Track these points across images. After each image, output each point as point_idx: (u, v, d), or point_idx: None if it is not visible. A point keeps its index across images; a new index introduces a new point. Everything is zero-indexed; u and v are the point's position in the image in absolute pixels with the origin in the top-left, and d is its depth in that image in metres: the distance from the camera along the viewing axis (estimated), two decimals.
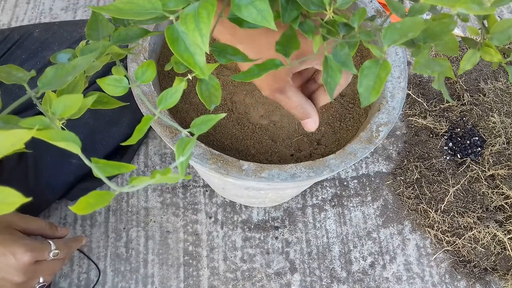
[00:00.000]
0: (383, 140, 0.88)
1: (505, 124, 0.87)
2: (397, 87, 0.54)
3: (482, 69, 0.94)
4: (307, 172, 0.49)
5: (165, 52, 0.60)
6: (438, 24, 0.28)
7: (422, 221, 0.81)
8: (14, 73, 0.31)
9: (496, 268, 0.77)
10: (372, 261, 0.78)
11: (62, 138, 0.23)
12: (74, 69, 0.28)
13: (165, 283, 0.74)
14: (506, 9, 1.07)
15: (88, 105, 0.30)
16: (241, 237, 0.78)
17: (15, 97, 0.71)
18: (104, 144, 0.76)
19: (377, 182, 0.85)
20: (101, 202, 0.23)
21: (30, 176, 0.70)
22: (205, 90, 0.36)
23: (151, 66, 0.33)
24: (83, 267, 0.75)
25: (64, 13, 1.00)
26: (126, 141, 0.31)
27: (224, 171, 0.48)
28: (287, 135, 0.57)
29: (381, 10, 0.58)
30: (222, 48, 0.35)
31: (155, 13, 0.27)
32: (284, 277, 0.76)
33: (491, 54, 0.30)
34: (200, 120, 0.31)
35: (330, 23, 0.32)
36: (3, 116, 0.26)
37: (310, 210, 0.81)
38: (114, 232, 0.78)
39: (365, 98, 0.28)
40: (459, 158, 0.85)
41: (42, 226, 0.64)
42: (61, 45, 0.74)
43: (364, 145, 0.50)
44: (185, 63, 0.27)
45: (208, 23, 0.25)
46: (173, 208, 0.80)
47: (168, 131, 0.49)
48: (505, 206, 0.81)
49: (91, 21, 0.34)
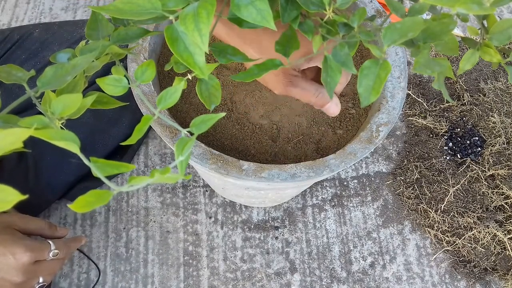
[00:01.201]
0: (383, 140, 0.88)
1: (505, 124, 0.87)
2: (397, 87, 0.54)
3: (482, 69, 0.94)
4: (307, 172, 0.49)
5: (165, 52, 0.60)
6: (438, 24, 0.28)
7: (422, 221, 0.81)
8: (14, 73, 0.31)
9: (496, 268, 0.77)
10: (372, 261, 0.78)
11: (61, 137, 0.23)
12: (73, 69, 0.28)
13: (165, 283, 0.74)
14: (506, 9, 1.07)
15: (88, 105, 0.30)
16: (241, 237, 0.78)
17: (15, 97, 0.71)
18: (104, 144, 0.76)
19: (377, 182, 0.85)
20: (100, 201, 0.23)
21: (30, 176, 0.70)
22: (205, 90, 0.36)
23: (151, 66, 0.33)
24: (83, 267, 0.75)
25: (64, 13, 1.00)
26: (126, 141, 0.31)
27: (224, 171, 0.48)
28: (287, 135, 0.57)
29: (381, 10, 0.58)
30: (222, 48, 0.35)
31: (155, 13, 0.27)
32: (284, 277, 0.76)
33: (491, 54, 0.30)
34: (199, 119, 0.31)
35: (330, 23, 0.32)
36: (3, 115, 0.26)
37: (310, 210, 0.81)
38: (114, 232, 0.78)
39: (365, 98, 0.28)
40: (459, 158, 0.85)
41: (42, 226, 0.64)
42: (61, 45, 0.74)
43: (364, 145, 0.50)
44: (184, 63, 0.27)
45: (207, 23, 0.25)
46: (173, 208, 0.80)
47: (168, 131, 0.49)
48: (505, 206, 0.81)
49: (91, 21, 0.34)
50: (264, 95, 0.58)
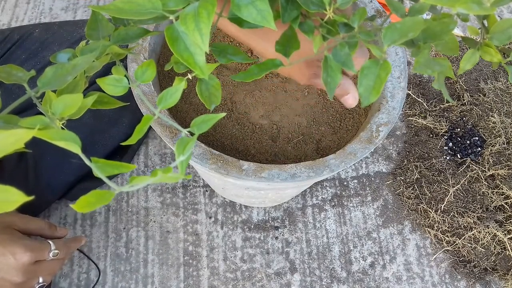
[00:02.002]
0: (383, 140, 0.88)
1: (505, 124, 0.87)
2: (397, 87, 0.54)
3: (482, 69, 0.94)
4: (307, 172, 0.49)
5: (165, 52, 0.60)
6: (438, 24, 0.28)
7: (422, 221, 0.81)
8: (14, 73, 0.31)
9: (496, 268, 0.77)
10: (372, 261, 0.78)
11: (62, 137, 0.23)
12: (74, 69, 0.28)
13: (165, 283, 0.74)
14: (506, 9, 1.07)
15: (88, 105, 0.30)
16: (241, 237, 0.78)
17: (15, 97, 0.71)
18: (104, 144, 0.76)
19: (377, 182, 0.85)
20: (101, 201, 0.23)
21: (30, 176, 0.70)
22: (205, 90, 0.36)
23: (151, 66, 0.33)
24: (83, 267, 0.75)
25: (64, 13, 1.00)
26: (126, 141, 0.31)
27: (224, 171, 0.48)
28: (287, 135, 0.57)
29: (381, 10, 0.58)
30: (222, 48, 0.35)
31: (155, 13, 0.27)
32: (284, 277, 0.76)
33: (491, 54, 0.30)
34: (200, 119, 0.31)
35: (330, 23, 0.32)
36: (3, 115, 0.26)
37: (310, 210, 0.81)
38: (114, 232, 0.78)
39: (365, 98, 0.28)
40: (459, 158, 0.85)
41: (42, 226, 0.64)
42: (61, 45, 0.74)
43: (364, 145, 0.50)
44: (185, 63, 0.27)
45: (208, 23, 0.25)
46: (173, 208, 0.80)
47: (168, 131, 0.49)
48: (505, 206, 0.81)
49: (91, 21, 0.34)
50: (264, 95, 0.58)
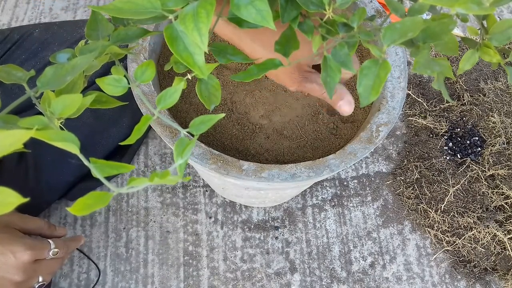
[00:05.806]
0: (383, 140, 0.88)
1: (505, 124, 0.87)
2: (397, 87, 0.54)
3: (482, 69, 0.94)
4: (307, 172, 0.49)
5: (165, 52, 0.60)
6: (437, 24, 0.28)
7: (422, 221, 0.81)
8: (13, 73, 0.31)
9: (496, 268, 0.77)
10: (372, 261, 0.78)
11: (60, 138, 0.23)
12: (73, 69, 0.28)
13: (165, 283, 0.74)
14: (506, 9, 1.06)
15: (87, 104, 0.30)
16: (241, 237, 0.78)
17: (15, 97, 0.71)
18: (104, 144, 0.76)
19: (377, 182, 0.84)
20: (99, 203, 0.22)
21: (30, 176, 0.70)
22: (204, 90, 0.36)
23: (151, 66, 0.33)
24: (83, 267, 0.75)
25: (64, 13, 1.00)
26: (125, 141, 0.31)
27: (224, 171, 0.48)
28: (287, 135, 0.57)
29: (381, 10, 0.58)
30: (222, 48, 0.35)
31: (155, 13, 0.27)
32: (284, 277, 0.76)
33: (490, 54, 0.30)
34: (199, 120, 0.31)
35: (330, 23, 0.31)
36: (3, 115, 0.26)
37: (310, 210, 0.81)
38: (114, 232, 0.78)
39: (364, 98, 0.28)
40: (459, 158, 0.85)
41: (41, 225, 0.64)
42: (61, 45, 0.74)
43: (364, 145, 0.50)
44: (184, 62, 0.27)
45: (207, 22, 0.25)
46: (173, 208, 0.80)
47: (168, 131, 0.49)
48: (505, 206, 0.81)
49: (91, 21, 0.34)
50: (264, 95, 0.58)
